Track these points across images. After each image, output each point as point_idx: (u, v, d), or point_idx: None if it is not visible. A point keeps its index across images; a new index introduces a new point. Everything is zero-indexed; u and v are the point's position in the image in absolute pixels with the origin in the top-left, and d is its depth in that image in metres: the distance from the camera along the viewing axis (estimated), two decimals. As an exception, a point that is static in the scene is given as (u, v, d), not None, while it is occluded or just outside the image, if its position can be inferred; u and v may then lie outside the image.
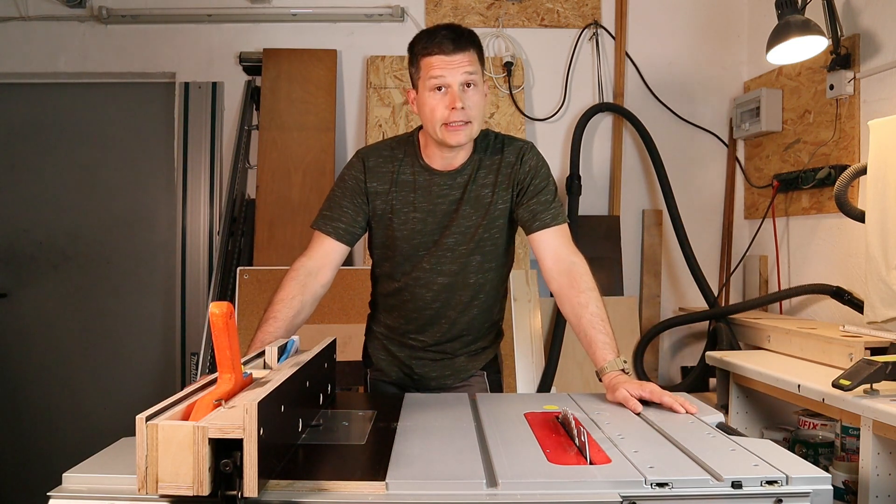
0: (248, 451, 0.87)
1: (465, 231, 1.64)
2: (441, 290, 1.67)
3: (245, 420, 0.87)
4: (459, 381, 1.78)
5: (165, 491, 0.87)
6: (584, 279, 1.55)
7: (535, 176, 1.64)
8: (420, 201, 1.63)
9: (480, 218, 1.64)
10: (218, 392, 0.99)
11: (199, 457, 0.86)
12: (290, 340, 1.23)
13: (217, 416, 0.92)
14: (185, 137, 3.14)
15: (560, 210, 1.64)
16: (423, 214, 1.63)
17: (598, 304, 1.52)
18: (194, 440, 0.86)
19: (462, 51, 1.53)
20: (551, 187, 1.66)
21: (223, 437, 0.87)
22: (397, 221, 1.64)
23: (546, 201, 1.63)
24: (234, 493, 0.88)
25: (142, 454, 0.87)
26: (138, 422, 0.87)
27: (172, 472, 0.87)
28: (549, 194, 1.64)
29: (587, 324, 1.50)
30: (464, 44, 1.53)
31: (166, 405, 0.93)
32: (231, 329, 1.00)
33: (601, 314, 1.51)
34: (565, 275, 1.57)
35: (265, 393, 0.93)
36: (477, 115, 1.56)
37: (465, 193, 1.63)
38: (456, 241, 1.64)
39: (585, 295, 1.52)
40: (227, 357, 1.01)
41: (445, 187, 1.64)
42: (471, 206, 1.63)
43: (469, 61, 1.53)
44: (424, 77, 1.55)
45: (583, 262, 1.59)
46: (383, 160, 1.66)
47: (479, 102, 1.56)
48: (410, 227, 1.64)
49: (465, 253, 1.65)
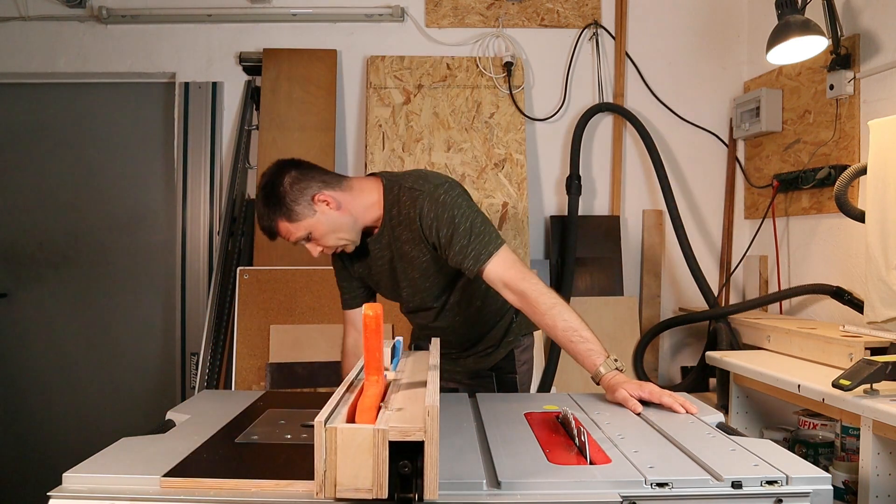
0: (429, 452, 0.87)
1: (412, 282, 1.71)
2: (427, 317, 1.81)
3: (427, 422, 0.86)
4: (469, 378, 1.86)
5: (344, 495, 0.87)
6: (541, 301, 1.50)
7: (439, 227, 1.55)
8: (372, 266, 1.75)
9: (414, 271, 1.69)
10: (370, 394, 0.99)
11: (379, 459, 0.86)
12: (396, 341, 1.22)
13: (390, 418, 0.91)
14: (185, 137, 3.14)
15: (482, 246, 1.54)
16: (377, 277, 1.77)
17: (565, 316, 1.49)
18: (374, 443, 0.86)
19: (274, 235, 1.62)
20: (461, 228, 1.54)
21: (404, 439, 0.87)
22: (372, 282, 1.82)
23: (461, 248, 1.54)
24: (411, 495, 0.88)
25: (320, 458, 0.86)
26: (317, 426, 0.87)
27: (351, 475, 0.86)
28: (462, 238, 1.54)
29: (564, 340, 1.49)
30: (271, 230, 1.61)
31: (330, 409, 0.93)
32: (381, 331, 1.00)
33: (573, 325, 1.48)
34: (524, 303, 1.53)
35: (434, 395, 0.93)
36: (334, 243, 1.63)
37: (392, 253, 1.69)
38: (409, 292, 1.74)
39: (549, 316, 1.49)
40: (377, 359, 1.02)
41: (375, 251, 1.71)
42: (402, 262, 1.69)
43: (286, 235, 1.61)
44: None
45: (533, 284, 1.52)
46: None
47: (325, 236, 1.61)
48: (376, 285, 1.81)
49: (424, 296, 1.75)
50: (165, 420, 1.34)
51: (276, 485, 0.96)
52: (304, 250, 1.68)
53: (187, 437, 1.18)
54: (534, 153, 3.18)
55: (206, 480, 0.97)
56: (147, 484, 0.97)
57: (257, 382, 2.71)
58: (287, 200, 1.57)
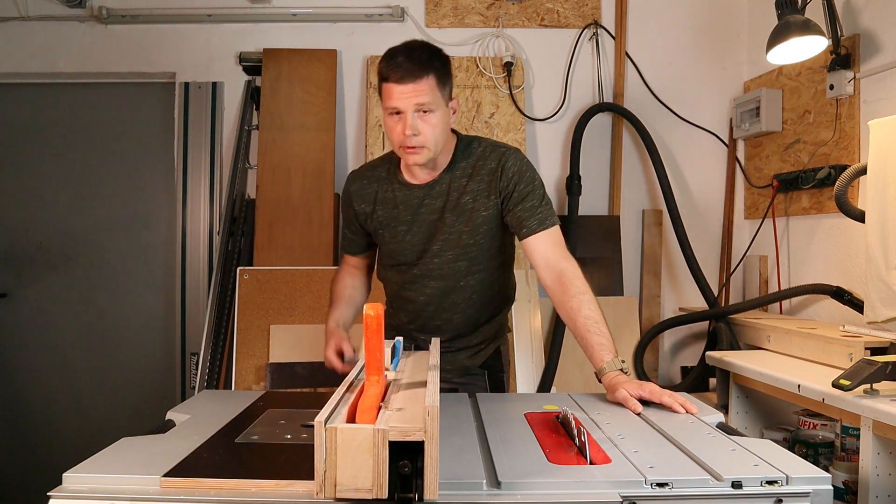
0: (429, 452, 0.87)
1: (449, 238, 1.68)
2: (433, 294, 1.74)
3: (427, 422, 0.86)
4: (460, 376, 1.83)
5: (344, 495, 0.87)
6: (575, 284, 1.55)
7: (519, 182, 1.63)
8: (404, 215, 1.70)
9: (464, 225, 1.67)
10: (370, 394, 0.99)
11: (379, 459, 0.86)
12: (396, 342, 1.23)
13: (390, 418, 0.91)
14: (185, 137, 3.14)
15: (548, 213, 1.64)
16: (408, 227, 1.71)
17: (591, 306, 1.52)
18: (374, 443, 0.86)
19: (415, 79, 1.52)
20: (537, 191, 1.65)
21: (404, 439, 0.87)
22: (388, 236, 1.75)
23: (531, 207, 1.62)
24: (411, 495, 0.88)
25: (320, 458, 0.86)
26: (317, 426, 0.86)
27: (351, 475, 0.86)
28: (535, 199, 1.63)
29: (582, 327, 1.51)
30: (418, 72, 1.53)
31: (330, 409, 0.92)
32: (382, 331, 1.01)
33: (595, 316, 1.51)
34: (557, 282, 1.57)
35: (434, 395, 0.93)
36: (431, 140, 1.57)
37: (446, 202, 1.67)
38: (441, 247, 1.69)
39: (577, 300, 1.53)
40: (378, 359, 1.02)
41: (426, 199, 1.68)
42: (454, 214, 1.67)
43: (421, 91, 1.53)
44: (383, 101, 1.59)
45: (573, 266, 1.59)
46: (367, 181, 1.77)
47: (434, 127, 1.57)
48: (399, 240, 1.73)
49: (452, 259, 1.70)
50: (165, 420, 1.33)
51: (276, 485, 0.95)
52: (303, 250, 1.68)
53: (187, 437, 1.18)
54: (534, 153, 3.18)
55: (206, 480, 0.97)
56: (147, 484, 0.97)
57: (257, 382, 2.71)
58: (449, 68, 1.60)
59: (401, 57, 1.54)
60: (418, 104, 1.53)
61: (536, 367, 2.81)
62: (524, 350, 2.82)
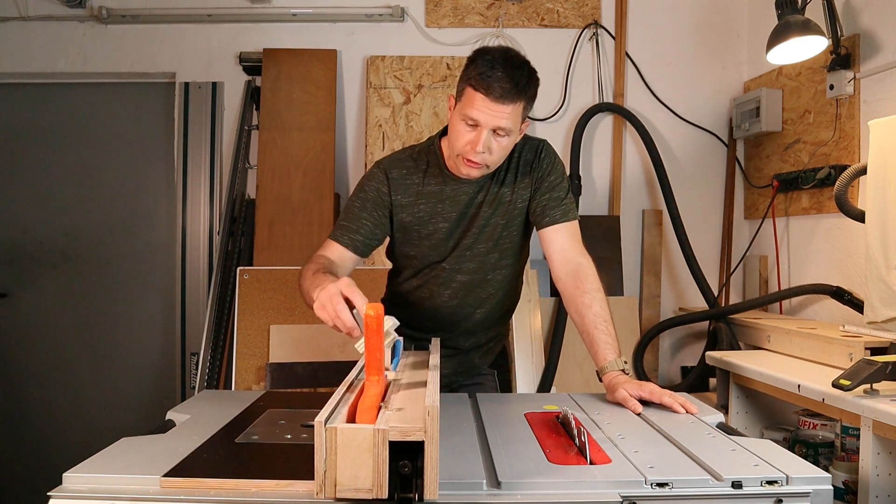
0: (429, 452, 0.86)
1: (484, 230, 1.66)
2: (459, 288, 1.70)
3: (427, 422, 0.86)
4: (470, 378, 1.81)
5: (344, 495, 0.86)
6: (589, 280, 1.56)
7: (552, 172, 1.66)
8: (448, 210, 1.65)
9: (500, 217, 1.66)
10: (371, 394, 0.99)
11: (379, 459, 0.86)
12: (397, 341, 1.22)
13: (390, 418, 0.91)
14: (185, 137, 3.14)
15: (571, 207, 1.66)
16: (449, 223, 1.65)
17: (601, 304, 1.53)
18: (374, 443, 0.86)
19: (507, 103, 1.46)
20: (565, 185, 1.67)
21: (404, 439, 0.86)
22: (424, 231, 1.66)
23: (558, 198, 1.64)
24: (411, 495, 0.88)
25: (320, 458, 0.86)
26: (317, 426, 0.86)
27: (351, 475, 0.86)
28: (563, 191, 1.65)
29: (590, 324, 1.51)
30: (513, 97, 1.47)
31: (330, 409, 0.92)
32: (382, 331, 1.00)
33: (604, 315, 1.52)
34: (571, 276, 1.58)
35: (434, 395, 0.93)
36: (496, 161, 1.55)
37: (486, 195, 1.65)
38: (475, 240, 1.66)
39: (589, 296, 1.54)
40: (378, 359, 1.02)
41: (473, 194, 1.65)
42: (491, 206, 1.65)
43: (508, 115, 1.47)
44: (463, 104, 1.51)
45: (589, 262, 1.60)
46: (407, 171, 1.66)
47: (504, 150, 1.54)
48: (438, 236, 1.66)
49: (484, 251, 1.67)
50: (165, 420, 1.33)
51: (276, 485, 0.95)
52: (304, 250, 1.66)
53: (187, 437, 1.18)
54: (534, 153, 3.17)
55: (207, 480, 0.97)
56: (147, 484, 0.97)
57: (257, 382, 2.71)
58: (536, 91, 1.58)
59: (500, 71, 1.46)
60: (499, 127, 1.49)
61: (536, 367, 2.81)
62: (524, 350, 2.81)
